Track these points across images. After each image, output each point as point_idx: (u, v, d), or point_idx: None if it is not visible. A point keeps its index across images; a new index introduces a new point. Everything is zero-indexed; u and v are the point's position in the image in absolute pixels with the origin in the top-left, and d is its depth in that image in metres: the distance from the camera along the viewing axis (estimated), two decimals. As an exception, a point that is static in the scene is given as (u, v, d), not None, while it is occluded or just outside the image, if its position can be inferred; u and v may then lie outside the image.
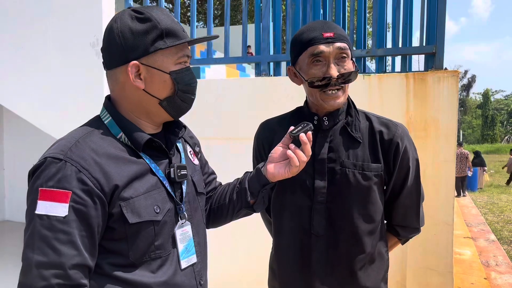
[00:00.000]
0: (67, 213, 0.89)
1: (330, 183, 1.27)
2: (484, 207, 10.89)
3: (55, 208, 0.89)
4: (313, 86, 1.22)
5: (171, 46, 1.02)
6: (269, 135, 1.41)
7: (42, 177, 0.92)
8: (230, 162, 2.66)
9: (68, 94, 3.21)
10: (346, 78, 1.20)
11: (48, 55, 3.26)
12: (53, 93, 3.25)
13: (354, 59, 1.29)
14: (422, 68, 2.80)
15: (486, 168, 15.58)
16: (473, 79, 53.48)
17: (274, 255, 1.41)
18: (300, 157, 1.15)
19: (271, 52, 3.10)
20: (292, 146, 1.17)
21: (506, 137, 55.07)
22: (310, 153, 1.17)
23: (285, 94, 2.74)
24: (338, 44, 1.19)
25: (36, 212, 0.89)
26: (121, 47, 1.00)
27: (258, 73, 3.05)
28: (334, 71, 1.19)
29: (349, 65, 1.22)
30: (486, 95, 55.77)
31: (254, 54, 3.11)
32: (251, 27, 5.76)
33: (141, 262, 1.00)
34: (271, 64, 3.12)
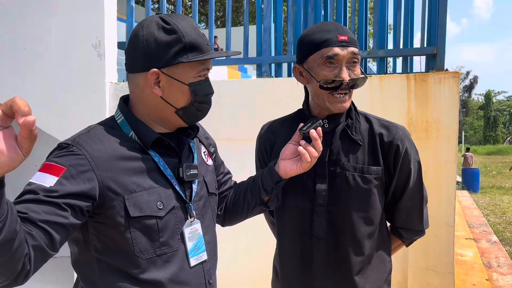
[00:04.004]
0: (52, 185, 0.92)
1: (331, 186, 1.27)
2: (486, 208, 10.88)
3: (44, 178, 0.93)
4: (324, 88, 1.21)
5: (193, 60, 1.04)
6: (271, 136, 1.42)
7: (51, 155, 0.99)
8: (231, 163, 2.65)
9: (69, 95, 3.22)
10: (356, 83, 1.21)
11: (50, 55, 3.27)
12: (54, 94, 3.27)
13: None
14: (423, 69, 2.80)
15: None
16: (475, 80, 53.42)
17: (277, 257, 1.42)
18: (311, 153, 1.17)
19: (272, 53, 3.11)
20: (303, 142, 1.20)
21: (508, 138, 54.94)
22: (321, 149, 1.19)
23: (287, 95, 2.75)
24: (351, 49, 1.20)
25: (30, 180, 0.94)
26: (144, 55, 1.04)
27: (260, 74, 3.06)
28: (346, 75, 1.19)
29: (358, 71, 1.23)
30: (488, 96, 55.67)
31: (219, 46, 3.12)
32: (252, 29, 5.78)
33: (147, 258, 1.03)
34: (273, 65, 3.13)
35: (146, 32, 1.04)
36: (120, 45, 3.48)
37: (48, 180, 0.92)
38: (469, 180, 13.99)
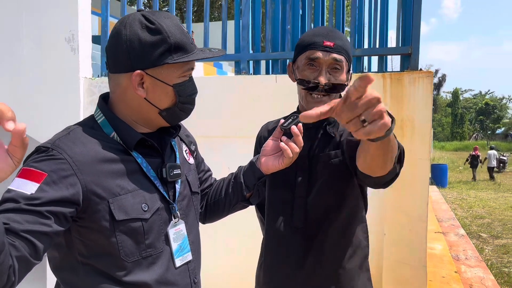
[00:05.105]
0: (33, 192, 0.88)
1: (309, 178, 1.33)
2: (453, 203, 11.27)
3: (25, 185, 0.88)
4: (301, 84, 1.29)
5: (179, 61, 1.02)
6: (265, 134, 1.51)
7: (30, 159, 0.94)
8: (210, 160, 2.65)
9: (42, 91, 3.13)
10: (332, 88, 1.26)
11: (21, 49, 3.16)
12: (26, 89, 3.17)
13: (351, 72, 1.34)
14: (395, 68, 2.87)
15: None
16: (443, 78, 54.94)
17: (263, 248, 1.47)
18: (293, 149, 1.19)
19: (250, 51, 3.11)
20: (284, 138, 1.22)
21: (474, 135, 57.01)
22: (302, 144, 1.21)
23: (265, 93, 2.76)
24: (334, 55, 1.25)
25: (9, 187, 0.89)
26: (127, 55, 1.00)
27: (238, 71, 3.06)
28: (323, 79, 1.25)
29: (341, 77, 1.28)
30: (455, 94, 57.46)
31: (194, 40, 3.10)
32: (229, 24, 5.74)
33: (133, 260, 1.01)
34: (251, 62, 3.13)
35: (129, 32, 1.00)
36: (94, 39, 3.40)
37: (29, 187, 0.88)
38: (438, 175, 14.44)
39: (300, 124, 1.21)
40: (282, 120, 1.25)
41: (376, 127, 0.75)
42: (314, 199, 1.33)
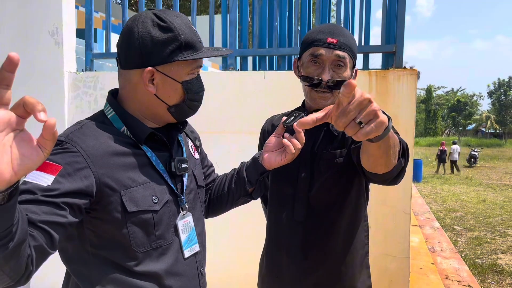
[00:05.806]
0: (49, 184, 0.90)
1: (312, 174, 1.37)
2: (428, 197, 11.60)
3: (41, 177, 0.90)
4: (304, 81, 1.32)
5: (188, 59, 1.05)
6: (269, 128, 1.55)
7: None
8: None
9: (25, 85, 3.07)
10: (336, 85, 1.28)
11: (3, 43, 3.09)
12: (8, 83, 3.09)
13: (356, 68, 1.36)
14: (374, 65, 2.95)
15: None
16: (418, 75, 56.16)
17: (266, 240, 1.51)
18: (295, 145, 1.22)
19: (237, 47, 3.13)
20: (286, 135, 1.25)
21: (446, 131, 58.65)
22: (304, 140, 1.23)
23: (253, 89, 2.79)
24: (337, 52, 1.27)
25: (24, 179, 0.90)
26: (139, 52, 1.03)
27: (225, 67, 3.08)
28: (326, 75, 1.28)
29: (345, 74, 1.30)
30: (429, 90, 58.94)
31: None
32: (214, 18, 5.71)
33: (143, 251, 1.04)
34: (238, 58, 3.15)
35: (142, 29, 1.03)
36: (78, 32, 3.35)
37: (45, 179, 0.90)
38: (413, 170, 14.80)
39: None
40: (285, 117, 1.28)
41: (373, 127, 0.79)
42: (316, 194, 1.36)
